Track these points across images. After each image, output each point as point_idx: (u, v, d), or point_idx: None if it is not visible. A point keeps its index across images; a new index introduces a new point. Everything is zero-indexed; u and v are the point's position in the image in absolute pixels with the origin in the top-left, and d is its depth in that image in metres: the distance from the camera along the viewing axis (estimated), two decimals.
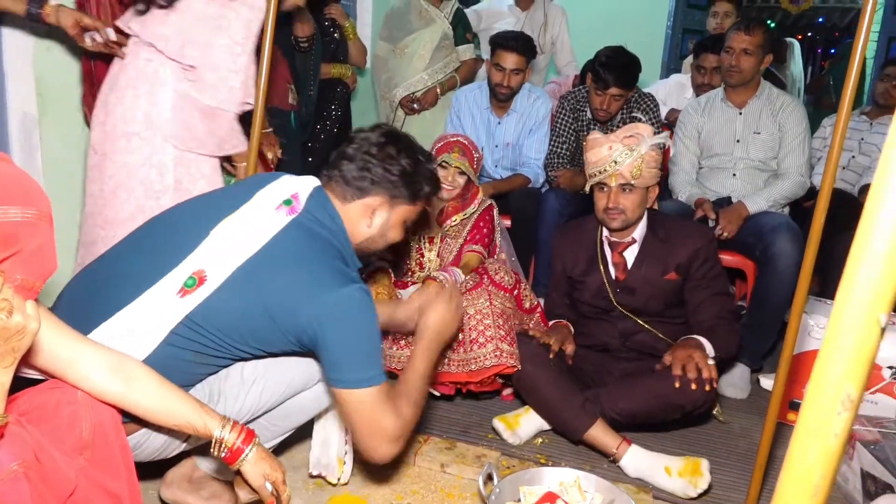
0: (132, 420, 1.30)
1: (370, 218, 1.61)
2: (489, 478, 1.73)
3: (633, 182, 2.15)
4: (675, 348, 2.11)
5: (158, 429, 1.40)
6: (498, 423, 2.22)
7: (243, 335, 1.45)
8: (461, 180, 2.56)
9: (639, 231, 2.30)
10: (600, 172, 2.18)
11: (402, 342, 2.37)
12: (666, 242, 2.26)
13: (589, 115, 3.25)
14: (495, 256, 2.65)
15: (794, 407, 2.47)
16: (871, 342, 0.36)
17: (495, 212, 2.67)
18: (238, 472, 1.37)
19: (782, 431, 2.15)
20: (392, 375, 2.44)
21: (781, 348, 1.78)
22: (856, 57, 1.75)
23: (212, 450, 1.33)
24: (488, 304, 2.24)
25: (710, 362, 2.04)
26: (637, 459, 2.04)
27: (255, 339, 1.46)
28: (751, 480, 1.80)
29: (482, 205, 2.65)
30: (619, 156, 2.14)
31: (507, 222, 3.23)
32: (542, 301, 2.96)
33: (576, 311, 2.46)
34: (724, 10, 4.17)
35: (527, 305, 2.46)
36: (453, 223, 2.59)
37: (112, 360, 1.22)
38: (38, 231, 1.02)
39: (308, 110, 3.19)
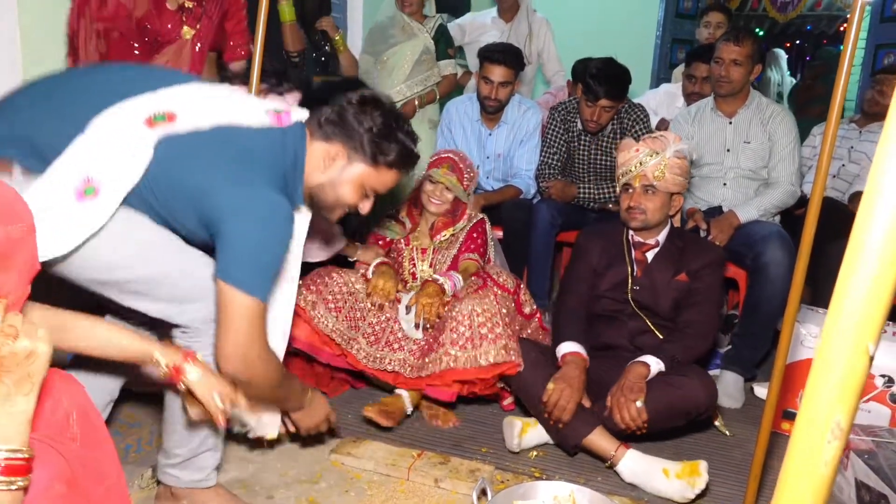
0: None
1: (327, 163, 1.65)
2: (483, 493, 1.72)
3: (654, 184, 2.25)
4: (615, 388, 2.12)
5: None
6: (516, 422, 2.21)
7: (166, 195, 1.47)
8: (449, 196, 2.58)
9: (661, 236, 2.39)
10: (626, 173, 2.30)
11: (383, 341, 2.39)
12: (682, 251, 2.36)
13: (579, 125, 3.25)
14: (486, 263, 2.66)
15: (789, 416, 2.47)
16: (859, 371, 0.36)
17: (487, 226, 2.70)
18: (187, 392, 1.45)
19: (777, 441, 2.15)
20: (370, 382, 2.46)
21: (774, 357, 1.78)
22: (843, 65, 1.76)
23: (155, 371, 1.41)
24: (496, 303, 2.27)
25: (640, 404, 2.05)
26: (634, 463, 2.05)
27: (174, 203, 1.49)
28: (746, 491, 1.79)
29: (472, 219, 2.67)
30: (644, 157, 2.26)
31: (499, 233, 3.23)
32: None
33: (589, 310, 2.42)
34: (717, 20, 4.19)
35: (526, 311, 2.49)
36: (443, 237, 2.62)
37: (46, 317, 1.28)
38: (26, 244, 1.03)
39: None
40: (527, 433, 2.21)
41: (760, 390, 2.72)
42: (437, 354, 2.24)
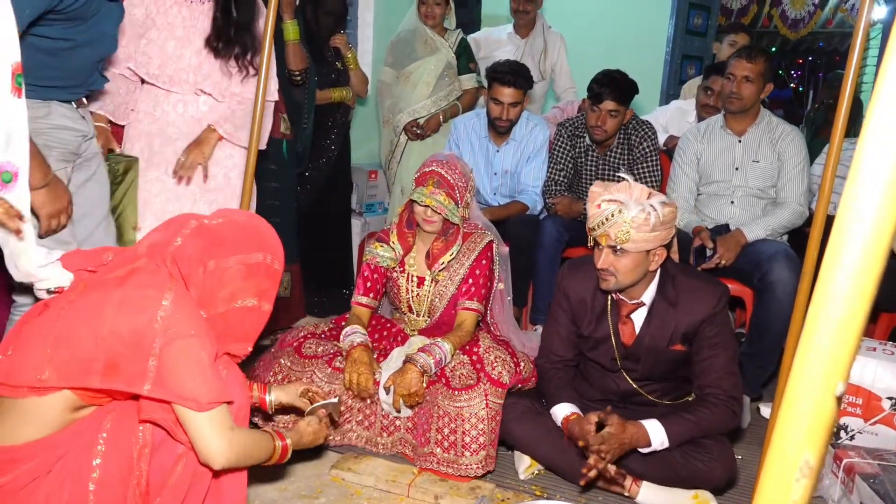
0: None
1: None
2: None
3: (618, 246, 1.95)
4: (606, 438, 1.92)
5: None
6: (525, 458, 2.20)
7: None
8: (437, 217, 2.32)
9: (648, 294, 2.11)
10: (592, 229, 2.01)
11: (378, 426, 2.25)
12: (674, 306, 2.08)
13: (587, 140, 3.26)
14: (495, 287, 2.51)
15: None
16: (828, 411, 0.36)
17: (495, 248, 2.46)
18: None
19: None
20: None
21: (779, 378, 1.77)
22: (847, 84, 1.76)
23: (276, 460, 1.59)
24: (484, 406, 2.10)
25: (610, 465, 1.91)
26: (649, 499, 2.04)
27: None
28: None
29: (478, 243, 2.42)
30: (607, 216, 1.94)
31: (505, 249, 3.23)
32: (539, 328, 2.95)
33: (577, 358, 2.30)
34: (742, 41, 4.18)
35: (524, 376, 2.31)
36: (441, 266, 2.38)
37: None
38: (278, 280, 1.51)
39: (304, 143, 3.21)
40: (535, 465, 2.21)
41: (766, 410, 2.69)
42: (423, 451, 2.14)
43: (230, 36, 2.30)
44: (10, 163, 1.51)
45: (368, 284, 2.45)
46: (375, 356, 2.29)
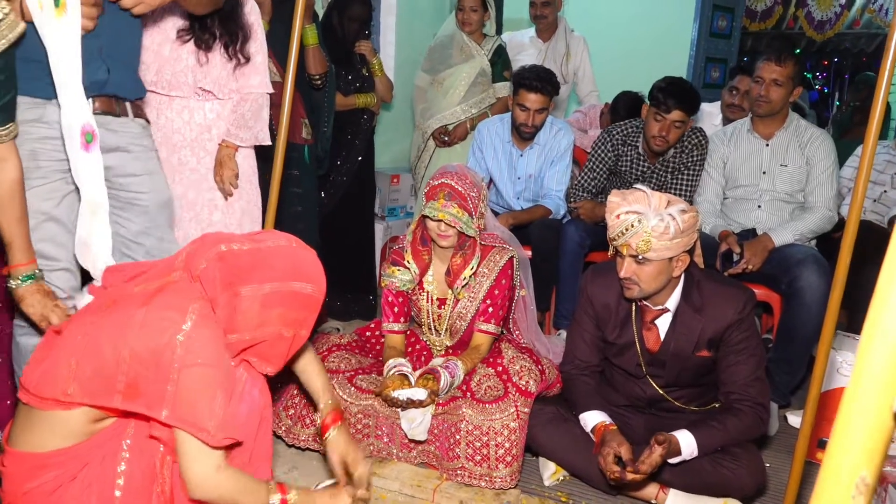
0: None
1: None
2: None
3: (640, 255, 1.94)
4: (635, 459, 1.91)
5: None
6: (550, 464, 2.19)
7: None
8: (452, 231, 2.25)
9: (672, 300, 2.08)
10: (613, 239, 1.99)
11: (398, 441, 2.20)
12: (700, 312, 2.06)
13: (640, 149, 3.16)
14: (517, 295, 2.48)
15: (823, 445, 2.41)
16: (885, 427, 0.35)
17: (515, 263, 2.40)
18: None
19: (810, 470, 2.09)
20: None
21: (809, 384, 1.74)
22: (882, 86, 1.73)
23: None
24: (516, 417, 2.08)
25: (641, 468, 1.87)
26: None
27: None
28: None
29: (498, 262, 2.35)
30: (626, 226, 1.93)
31: (528, 253, 3.22)
32: (563, 333, 2.94)
33: (602, 364, 2.29)
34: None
35: (549, 382, 2.31)
36: (464, 282, 2.31)
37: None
38: (317, 308, 1.47)
39: (323, 146, 3.22)
40: (560, 472, 2.20)
41: (794, 419, 2.65)
42: (452, 466, 2.10)
43: (205, 24, 2.23)
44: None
45: (396, 310, 2.40)
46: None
